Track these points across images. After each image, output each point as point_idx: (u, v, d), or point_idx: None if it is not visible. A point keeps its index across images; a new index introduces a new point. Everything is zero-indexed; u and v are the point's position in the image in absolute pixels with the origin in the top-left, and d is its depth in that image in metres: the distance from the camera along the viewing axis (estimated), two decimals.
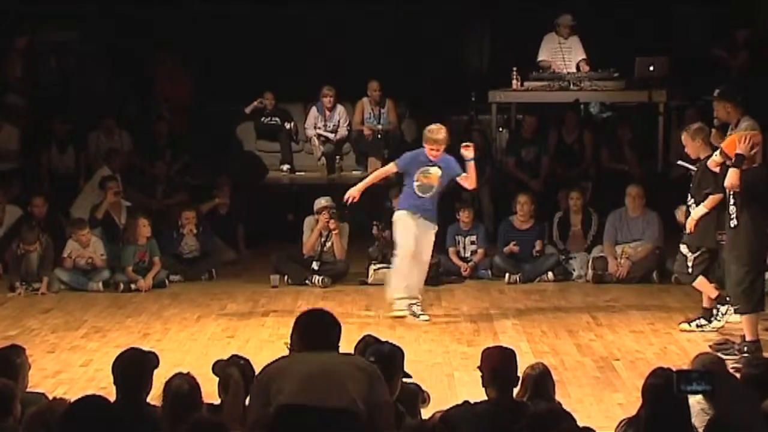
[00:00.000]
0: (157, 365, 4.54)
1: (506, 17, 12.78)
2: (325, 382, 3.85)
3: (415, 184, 8.05)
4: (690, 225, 7.45)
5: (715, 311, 7.63)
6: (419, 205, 8.04)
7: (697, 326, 7.70)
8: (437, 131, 8.06)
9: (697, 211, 7.39)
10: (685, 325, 7.81)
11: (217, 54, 12.70)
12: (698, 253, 7.45)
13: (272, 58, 12.80)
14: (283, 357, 4.14)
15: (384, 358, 4.49)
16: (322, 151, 12.26)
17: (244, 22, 12.87)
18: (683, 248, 7.52)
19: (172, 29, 12.63)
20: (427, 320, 8.08)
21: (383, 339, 5.03)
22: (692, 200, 7.50)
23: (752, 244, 6.90)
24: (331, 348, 4.10)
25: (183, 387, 4.29)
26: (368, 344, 4.87)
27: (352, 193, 8.24)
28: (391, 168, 8.30)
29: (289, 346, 4.22)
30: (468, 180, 8.16)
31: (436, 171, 8.06)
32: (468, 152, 8.09)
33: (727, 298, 7.44)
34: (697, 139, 7.45)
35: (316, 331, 4.15)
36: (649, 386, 4.19)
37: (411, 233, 8.02)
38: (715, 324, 7.62)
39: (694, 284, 7.59)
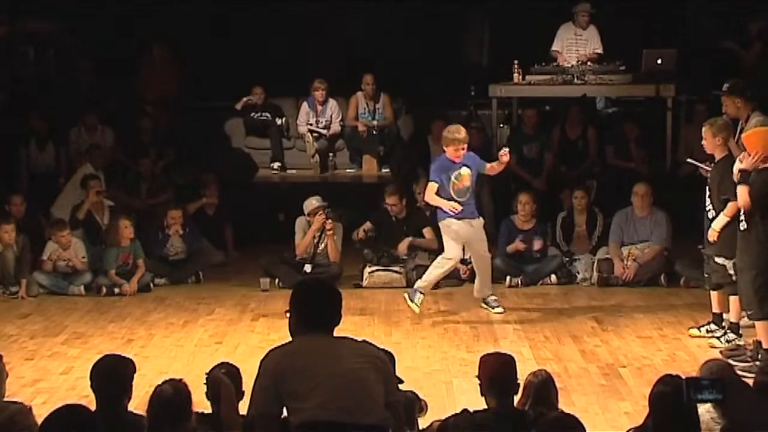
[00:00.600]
0: (134, 371, 4.54)
1: (507, 9, 12.78)
2: (351, 392, 3.77)
3: (452, 191, 8.20)
4: (712, 236, 7.39)
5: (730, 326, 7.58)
6: (462, 211, 8.22)
7: (707, 332, 7.69)
8: (457, 131, 8.23)
9: (719, 222, 7.30)
10: (694, 331, 7.80)
11: (205, 47, 12.70)
12: (735, 260, 7.39)
13: (262, 51, 12.80)
14: (291, 344, 4.00)
15: None
16: (316, 148, 12.26)
17: (234, 15, 12.86)
18: (718, 259, 7.43)
19: (157, 21, 12.63)
20: (501, 312, 8.50)
21: (378, 345, 5.02)
22: (711, 206, 7.46)
23: (762, 247, 6.89)
24: (334, 324, 4.04)
25: (167, 392, 4.28)
26: None
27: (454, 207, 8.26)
28: (432, 187, 8.28)
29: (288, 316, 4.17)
30: (493, 171, 8.45)
31: (466, 171, 8.27)
32: (505, 157, 8.27)
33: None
34: (719, 137, 7.38)
35: (318, 312, 4.06)
36: (657, 394, 4.19)
37: (459, 243, 8.35)
38: (733, 339, 7.54)
39: (731, 299, 7.54)
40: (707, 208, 7.47)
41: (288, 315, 4.11)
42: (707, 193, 7.49)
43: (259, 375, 3.93)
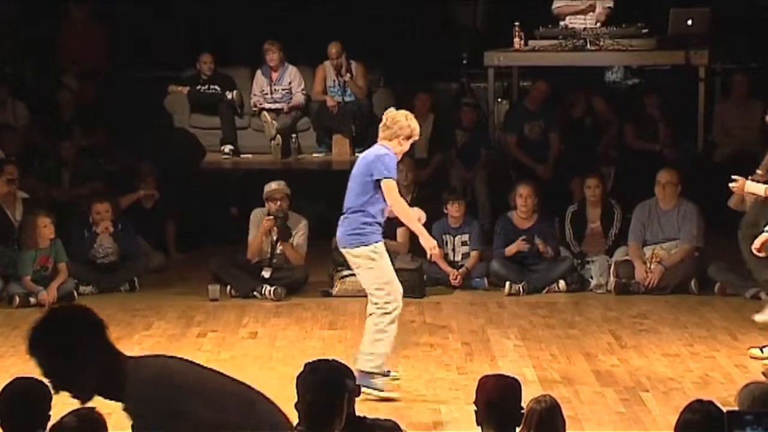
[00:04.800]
0: (51, 396, 4.52)
1: None
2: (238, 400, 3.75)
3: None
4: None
5: None
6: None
7: None
8: (413, 120, 7.24)
9: None
10: (755, 351, 7.80)
11: (139, 6, 12.66)
12: None
13: (211, 12, 12.78)
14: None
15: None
16: (276, 128, 12.26)
17: None
18: None
19: None
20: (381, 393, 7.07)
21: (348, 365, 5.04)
22: None
23: None
24: None
25: (69, 425, 4.25)
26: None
27: (434, 249, 7.33)
28: (395, 188, 7.18)
29: None
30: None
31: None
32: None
33: None
34: None
35: None
36: (684, 423, 4.21)
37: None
38: None
39: None
40: None
41: None
42: None
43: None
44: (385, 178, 7.05)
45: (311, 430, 4.15)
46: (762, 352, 7.74)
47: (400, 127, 7.15)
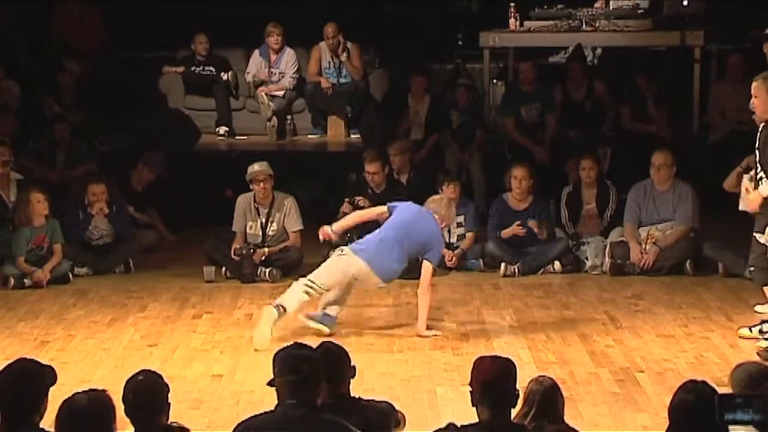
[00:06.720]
0: (53, 382, 4.52)
1: None
2: None
3: None
4: (753, 203, 7.39)
5: None
6: None
7: (761, 332, 7.69)
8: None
9: (765, 188, 7.36)
10: (744, 331, 7.82)
11: None
12: None
13: None
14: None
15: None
16: (272, 109, 12.25)
17: None
18: (759, 236, 7.43)
19: None
20: None
21: (344, 346, 5.06)
22: (762, 172, 7.47)
23: None
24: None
25: (80, 404, 4.26)
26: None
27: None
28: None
29: None
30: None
31: None
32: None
33: None
34: None
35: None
36: (678, 404, 4.22)
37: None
38: None
39: (765, 289, 7.61)
40: (759, 175, 7.49)
41: None
42: (756, 159, 7.52)
43: None
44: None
45: (304, 401, 4.39)
46: (751, 331, 7.77)
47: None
